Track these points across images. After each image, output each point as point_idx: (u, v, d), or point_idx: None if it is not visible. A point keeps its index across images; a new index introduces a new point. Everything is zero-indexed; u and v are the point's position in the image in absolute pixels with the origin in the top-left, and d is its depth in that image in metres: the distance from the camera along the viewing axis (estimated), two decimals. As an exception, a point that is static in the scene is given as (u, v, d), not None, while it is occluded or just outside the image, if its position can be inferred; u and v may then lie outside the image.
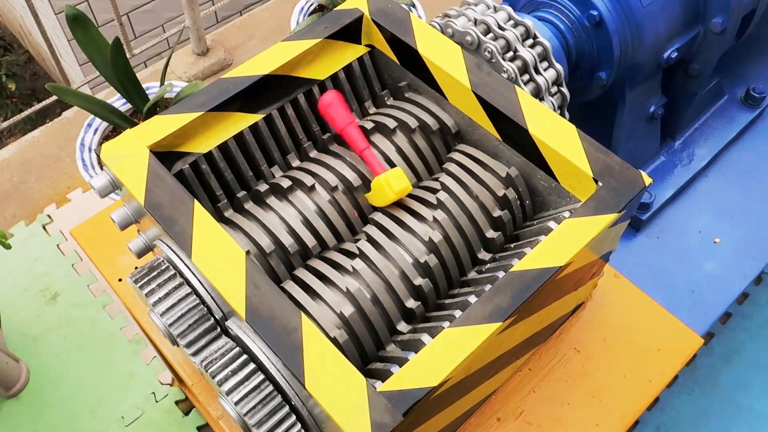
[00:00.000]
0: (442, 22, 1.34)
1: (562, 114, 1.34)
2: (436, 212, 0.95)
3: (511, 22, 1.32)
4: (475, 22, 1.32)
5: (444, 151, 1.06)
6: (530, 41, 1.31)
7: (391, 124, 1.02)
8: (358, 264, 0.91)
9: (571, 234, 0.86)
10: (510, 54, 1.29)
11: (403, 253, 0.93)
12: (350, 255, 0.93)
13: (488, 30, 1.30)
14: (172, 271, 0.86)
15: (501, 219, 0.97)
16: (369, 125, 1.03)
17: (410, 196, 0.98)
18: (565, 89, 1.32)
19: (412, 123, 1.03)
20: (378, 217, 0.96)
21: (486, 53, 1.27)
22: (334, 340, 0.85)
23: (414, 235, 0.94)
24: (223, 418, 1.09)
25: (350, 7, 1.08)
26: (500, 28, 1.30)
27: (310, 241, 0.94)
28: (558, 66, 1.31)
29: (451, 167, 1.00)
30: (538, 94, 1.28)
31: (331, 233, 0.97)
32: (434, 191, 0.98)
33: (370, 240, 0.94)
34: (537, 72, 1.29)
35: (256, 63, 1.01)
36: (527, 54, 1.27)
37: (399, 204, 0.97)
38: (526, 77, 1.28)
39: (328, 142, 1.05)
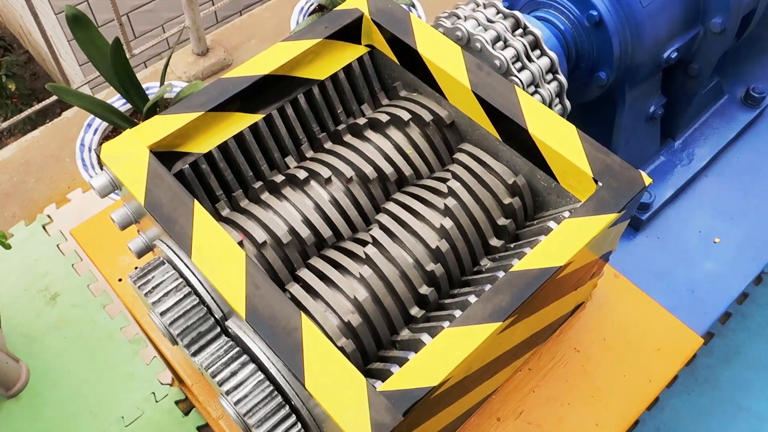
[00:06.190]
0: (432, 24, 1.35)
1: (561, 101, 1.34)
2: (447, 200, 0.95)
3: (500, 15, 1.33)
4: (465, 19, 1.32)
5: (443, 147, 1.06)
6: (520, 31, 1.31)
7: (384, 118, 1.03)
8: (366, 271, 0.91)
9: (571, 234, 0.86)
10: (500, 44, 1.29)
11: (407, 258, 0.92)
12: (355, 258, 0.93)
13: (477, 24, 1.31)
14: (173, 272, 0.86)
15: (512, 205, 0.99)
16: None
17: (414, 196, 0.98)
18: (561, 76, 1.32)
19: (405, 116, 1.03)
20: (382, 217, 0.96)
21: (476, 44, 1.28)
22: (341, 349, 0.85)
23: (418, 239, 0.94)
24: (223, 417, 1.09)
25: (350, 7, 1.08)
26: (489, 21, 1.31)
27: (308, 237, 0.94)
28: (551, 53, 1.31)
29: (457, 169, 1.00)
30: (532, 81, 1.29)
31: (330, 230, 0.97)
32: (444, 180, 0.98)
33: (375, 242, 0.94)
34: (529, 60, 1.29)
35: (256, 63, 1.01)
36: (517, 42, 1.28)
37: (408, 192, 0.98)
38: (518, 65, 1.29)
39: (323, 140, 1.05)
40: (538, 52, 1.32)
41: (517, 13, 1.31)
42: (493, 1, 1.36)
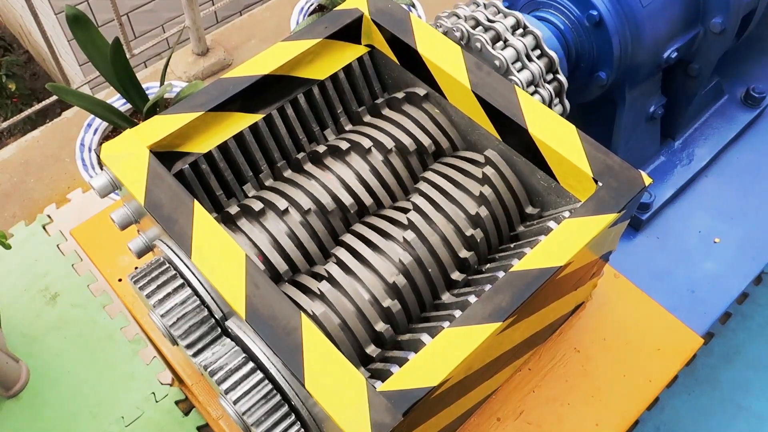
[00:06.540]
0: (433, 23, 1.35)
1: (561, 101, 1.34)
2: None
3: (500, 15, 1.33)
4: (465, 19, 1.32)
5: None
6: (521, 31, 1.31)
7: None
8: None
9: (571, 234, 0.85)
10: (500, 44, 1.29)
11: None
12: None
13: (477, 24, 1.31)
14: (173, 272, 0.86)
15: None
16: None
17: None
18: (561, 76, 1.32)
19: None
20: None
21: (476, 44, 1.28)
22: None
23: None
24: (222, 417, 1.09)
25: (350, 7, 1.08)
26: (489, 20, 1.30)
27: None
28: (551, 53, 1.31)
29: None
30: (532, 81, 1.29)
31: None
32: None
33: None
34: (530, 60, 1.29)
35: (256, 63, 1.01)
36: (518, 42, 1.27)
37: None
38: (518, 65, 1.29)
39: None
40: (537, 51, 1.32)
41: (516, 13, 1.31)
42: (493, 2, 1.36)
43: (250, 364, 0.80)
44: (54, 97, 2.00)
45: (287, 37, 1.04)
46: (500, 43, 1.30)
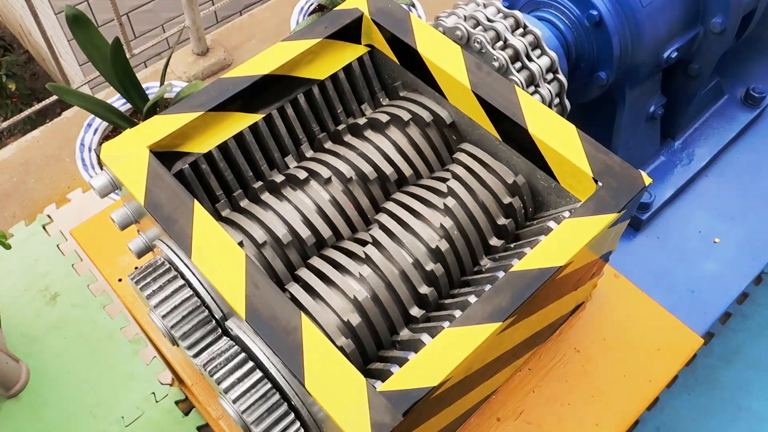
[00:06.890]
0: (433, 23, 1.35)
1: (561, 101, 1.34)
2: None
3: (500, 14, 1.33)
4: (465, 18, 1.32)
5: (443, 147, 1.04)
6: (521, 30, 1.31)
7: (384, 118, 1.01)
8: (365, 271, 0.90)
9: (571, 234, 0.85)
10: (500, 44, 1.29)
11: (407, 257, 0.92)
12: (355, 257, 0.93)
13: (477, 23, 1.31)
14: (173, 272, 0.86)
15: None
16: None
17: (413, 196, 0.98)
18: (561, 76, 1.32)
19: (405, 116, 1.01)
20: (382, 217, 0.96)
21: (476, 44, 1.28)
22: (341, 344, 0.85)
23: (418, 238, 0.93)
24: (222, 417, 1.09)
25: (350, 7, 1.08)
26: (489, 20, 1.30)
27: (308, 237, 0.94)
28: (551, 53, 1.31)
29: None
30: (532, 81, 1.28)
31: (330, 230, 0.96)
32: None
33: (375, 242, 0.93)
34: (529, 59, 1.29)
35: (256, 63, 1.01)
36: (518, 42, 1.27)
37: (407, 192, 0.97)
38: (518, 65, 1.29)
39: (323, 140, 1.04)
40: (537, 51, 1.32)
41: (516, 12, 1.31)
42: (493, 1, 1.36)
43: (250, 363, 0.80)
44: (54, 97, 2.00)
45: (287, 37, 1.04)
46: (500, 43, 1.30)
